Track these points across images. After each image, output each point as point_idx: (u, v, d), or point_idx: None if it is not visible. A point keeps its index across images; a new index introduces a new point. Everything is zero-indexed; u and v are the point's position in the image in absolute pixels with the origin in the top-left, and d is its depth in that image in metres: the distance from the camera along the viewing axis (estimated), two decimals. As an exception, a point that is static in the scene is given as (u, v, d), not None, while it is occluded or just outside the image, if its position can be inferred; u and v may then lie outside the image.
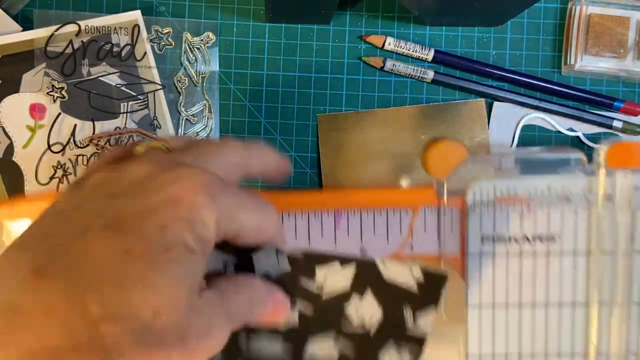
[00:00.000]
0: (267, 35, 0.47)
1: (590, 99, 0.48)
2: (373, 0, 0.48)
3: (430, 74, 0.47)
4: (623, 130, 0.48)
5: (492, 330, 0.38)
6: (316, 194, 0.39)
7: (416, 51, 0.47)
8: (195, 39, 0.47)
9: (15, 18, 0.45)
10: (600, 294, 0.38)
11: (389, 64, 0.47)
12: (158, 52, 0.47)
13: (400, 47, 0.47)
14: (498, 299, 0.38)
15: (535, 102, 0.48)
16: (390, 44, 0.47)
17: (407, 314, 0.29)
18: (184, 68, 0.47)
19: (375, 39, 0.47)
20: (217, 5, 0.47)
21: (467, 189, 0.38)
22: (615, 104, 0.48)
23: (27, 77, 0.45)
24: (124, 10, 0.46)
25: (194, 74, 0.47)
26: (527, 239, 0.38)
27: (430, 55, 0.47)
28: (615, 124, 0.48)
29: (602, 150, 0.38)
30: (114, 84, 0.46)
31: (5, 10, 0.45)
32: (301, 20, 0.47)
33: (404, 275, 0.30)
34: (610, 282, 0.38)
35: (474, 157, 0.39)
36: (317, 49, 0.48)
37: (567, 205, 0.38)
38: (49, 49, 0.45)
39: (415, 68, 0.47)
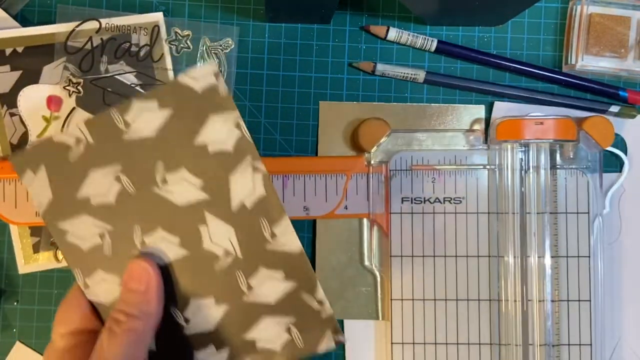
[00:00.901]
0: (267, 35, 0.48)
1: (595, 88, 0.48)
2: (373, 0, 0.48)
3: (421, 74, 0.47)
4: (618, 114, 0.47)
5: (412, 277, 0.46)
6: (268, 160, 0.44)
7: (418, 42, 0.47)
8: (214, 44, 0.47)
9: (15, 18, 0.46)
10: (499, 248, 0.45)
11: (379, 68, 0.47)
12: (175, 54, 0.47)
13: (403, 37, 0.47)
14: (416, 251, 0.46)
15: (535, 96, 0.47)
16: (393, 34, 0.47)
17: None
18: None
19: (378, 29, 0.47)
20: (216, 5, 0.48)
21: (390, 158, 0.46)
22: (621, 93, 0.47)
23: (47, 69, 0.47)
24: (140, 10, 0.47)
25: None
26: (438, 200, 0.46)
27: (433, 45, 0.47)
28: (612, 108, 0.47)
29: (494, 126, 0.45)
30: (129, 83, 0.47)
31: (5, 10, 0.46)
32: (301, 20, 0.48)
33: None
34: (504, 237, 0.45)
35: (395, 132, 0.46)
36: (317, 48, 0.48)
37: (470, 172, 0.46)
38: (69, 43, 0.46)
39: (406, 72, 0.47)
